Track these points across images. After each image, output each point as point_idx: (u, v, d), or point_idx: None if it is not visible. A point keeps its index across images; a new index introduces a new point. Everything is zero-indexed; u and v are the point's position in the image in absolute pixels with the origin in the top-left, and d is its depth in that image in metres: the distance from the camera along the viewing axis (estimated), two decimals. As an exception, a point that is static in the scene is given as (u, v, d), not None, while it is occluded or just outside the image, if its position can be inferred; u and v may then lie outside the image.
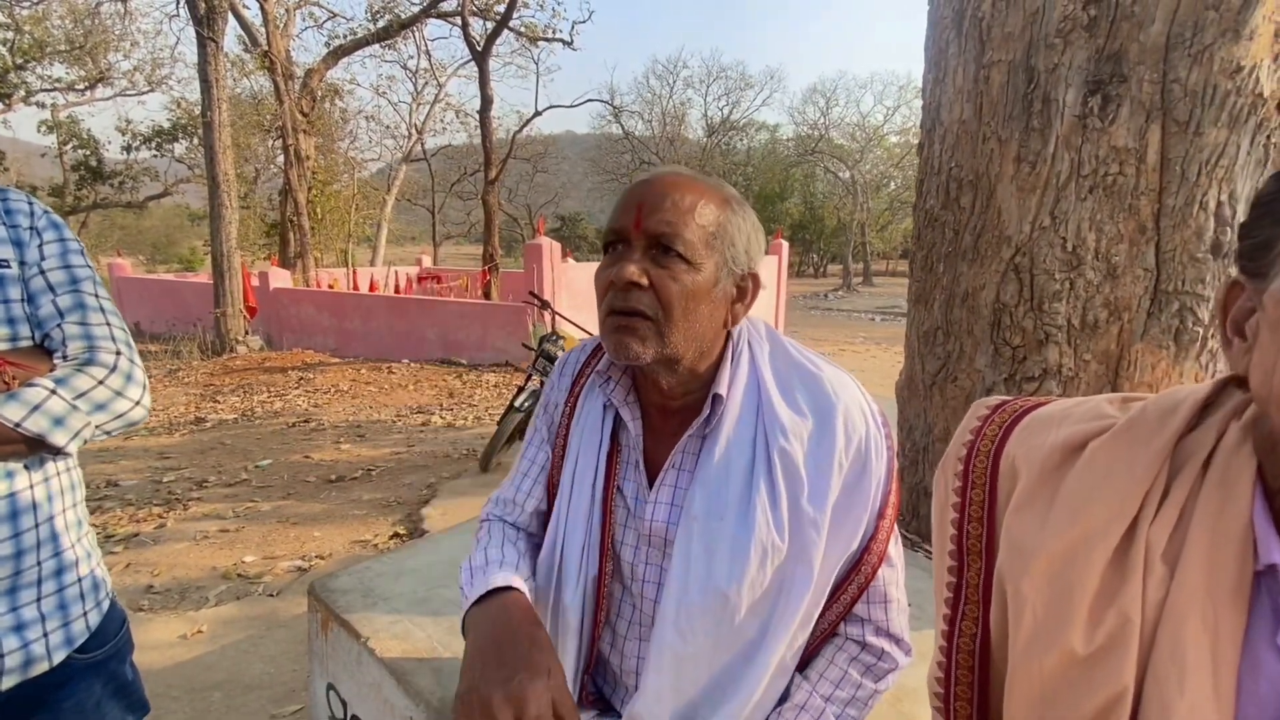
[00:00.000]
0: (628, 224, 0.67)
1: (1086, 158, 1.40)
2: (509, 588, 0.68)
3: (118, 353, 0.85)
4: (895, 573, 0.74)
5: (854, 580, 0.72)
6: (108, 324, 0.86)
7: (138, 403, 0.86)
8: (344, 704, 1.35)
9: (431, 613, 1.37)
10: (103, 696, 0.89)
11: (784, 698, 0.73)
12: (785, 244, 10.88)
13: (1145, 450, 0.42)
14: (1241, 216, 1.34)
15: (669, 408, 0.74)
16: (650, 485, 0.74)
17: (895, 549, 0.74)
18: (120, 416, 0.84)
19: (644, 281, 0.66)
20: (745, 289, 0.72)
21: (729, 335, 0.74)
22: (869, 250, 28.48)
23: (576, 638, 0.76)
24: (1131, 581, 0.41)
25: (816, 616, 0.72)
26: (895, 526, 0.74)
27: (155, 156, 16.94)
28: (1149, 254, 1.39)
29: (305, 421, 5.61)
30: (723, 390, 0.70)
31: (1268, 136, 1.33)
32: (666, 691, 0.70)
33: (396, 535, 3.32)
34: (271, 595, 2.73)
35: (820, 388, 0.70)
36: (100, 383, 0.82)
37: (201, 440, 5.11)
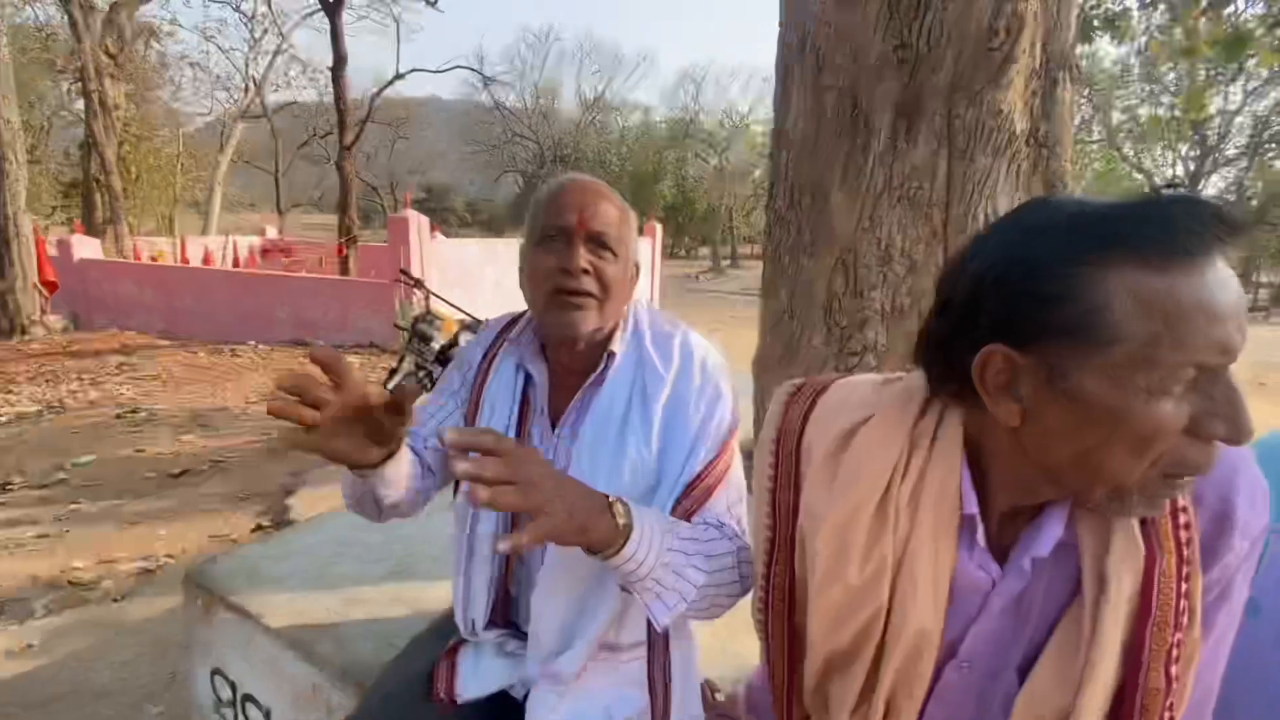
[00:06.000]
0: (572, 222, 0.84)
1: (895, 173, 1.71)
2: None
3: None
4: (736, 498, 0.86)
5: (690, 495, 0.83)
6: None
7: None
8: (233, 685, 1.36)
9: (328, 587, 1.40)
10: None
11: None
12: (659, 226, 11.24)
13: (896, 434, 0.58)
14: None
15: (574, 368, 0.90)
16: (554, 428, 0.90)
17: (738, 475, 0.88)
18: None
19: (590, 269, 0.83)
20: (635, 274, 0.92)
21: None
22: (736, 234, 29.86)
23: (488, 565, 0.88)
24: (887, 529, 0.56)
25: None
26: (734, 466, 0.88)
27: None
28: (939, 253, 1.74)
29: (133, 412, 4.99)
30: (616, 349, 0.88)
31: (1019, 164, 1.73)
32: (552, 604, 0.83)
33: (260, 528, 3.14)
34: (115, 600, 2.50)
35: (686, 342, 0.90)
36: None
37: (-4, 437, 4.39)
